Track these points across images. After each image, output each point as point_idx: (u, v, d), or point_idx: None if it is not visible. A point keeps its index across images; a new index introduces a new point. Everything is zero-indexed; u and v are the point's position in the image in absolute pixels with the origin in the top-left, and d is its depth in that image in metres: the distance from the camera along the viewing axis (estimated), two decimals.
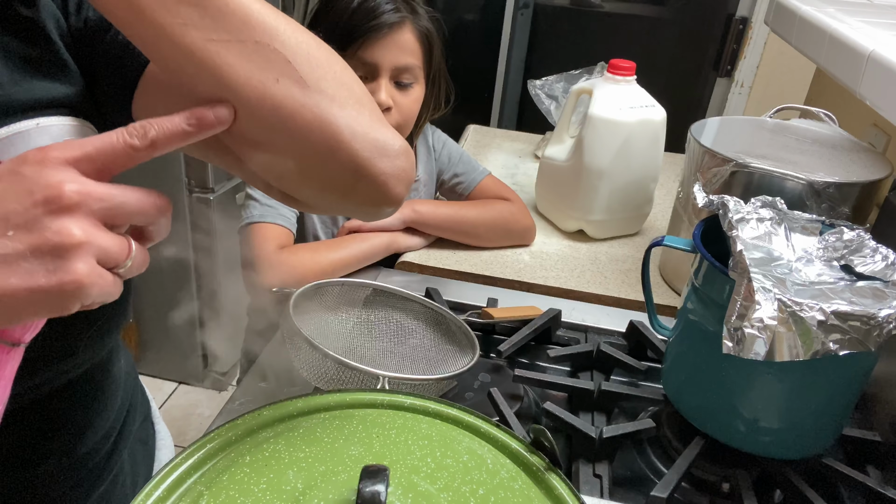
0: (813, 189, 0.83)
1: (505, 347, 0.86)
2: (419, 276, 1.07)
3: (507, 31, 2.41)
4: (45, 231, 0.33)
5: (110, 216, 0.35)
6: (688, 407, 0.73)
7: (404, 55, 0.97)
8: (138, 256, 0.37)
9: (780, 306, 0.58)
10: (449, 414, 0.55)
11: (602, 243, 1.21)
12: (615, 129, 1.10)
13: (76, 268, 0.33)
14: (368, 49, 0.95)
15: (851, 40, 0.78)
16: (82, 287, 0.34)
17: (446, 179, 1.18)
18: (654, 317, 0.83)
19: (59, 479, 0.59)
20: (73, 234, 0.33)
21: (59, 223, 0.33)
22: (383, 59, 0.95)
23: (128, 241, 0.36)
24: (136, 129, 0.36)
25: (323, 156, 0.43)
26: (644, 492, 0.70)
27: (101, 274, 0.35)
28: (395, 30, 0.95)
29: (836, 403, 0.67)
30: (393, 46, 0.95)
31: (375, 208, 0.49)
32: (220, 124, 0.39)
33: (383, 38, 0.94)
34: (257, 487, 0.44)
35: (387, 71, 0.96)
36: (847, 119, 1.14)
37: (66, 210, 0.33)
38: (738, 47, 2.23)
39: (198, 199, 1.92)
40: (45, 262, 0.33)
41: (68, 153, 0.34)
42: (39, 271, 0.33)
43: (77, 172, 0.34)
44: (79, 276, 0.34)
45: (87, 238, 0.34)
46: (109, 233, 0.35)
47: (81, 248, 0.34)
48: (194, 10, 0.39)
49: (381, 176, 0.46)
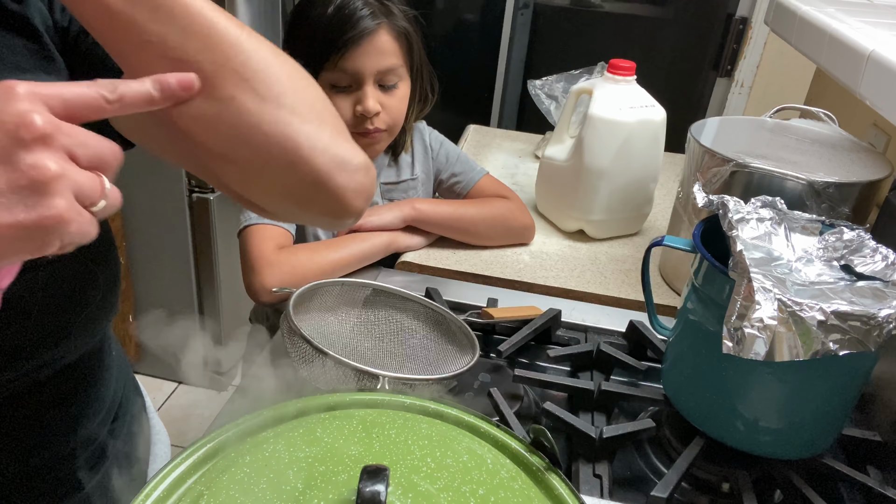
0: (813, 189, 0.83)
1: (505, 347, 0.86)
2: (419, 276, 1.07)
3: (507, 31, 2.41)
4: (20, 164, 0.32)
5: (77, 154, 0.34)
6: (688, 407, 0.73)
7: (385, 58, 0.97)
8: (112, 194, 0.36)
9: (780, 306, 0.58)
10: (449, 414, 0.55)
11: (602, 243, 1.21)
12: (615, 129, 1.10)
13: (55, 202, 0.33)
14: (349, 58, 0.95)
15: (851, 40, 0.78)
16: (63, 222, 0.33)
17: (444, 179, 1.18)
18: (654, 317, 0.83)
19: (55, 466, 0.59)
20: (50, 168, 0.32)
21: (34, 156, 0.32)
22: (365, 66, 0.96)
23: (100, 177, 0.35)
24: (106, 84, 0.35)
25: (283, 169, 0.45)
26: (644, 492, 0.70)
27: (80, 211, 0.34)
28: (373, 35, 0.95)
29: (836, 403, 0.67)
30: (373, 52, 0.95)
31: (334, 220, 0.51)
32: (184, 91, 0.38)
33: (363, 46, 0.94)
34: (257, 487, 0.44)
35: (370, 77, 0.97)
36: (847, 119, 1.14)
37: (39, 141, 0.32)
38: (738, 47, 2.23)
39: (198, 199, 1.92)
40: (24, 198, 0.32)
41: (39, 89, 0.34)
42: (18, 206, 0.32)
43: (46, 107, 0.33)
44: (59, 210, 0.33)
45: (63, 172, 0.33)
46: (82, 169, 0.34)
47: (59, 181, 0.33)
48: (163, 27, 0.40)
49: (340, 189, 0.48)
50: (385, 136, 1.03)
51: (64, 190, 0.33)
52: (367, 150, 1.04)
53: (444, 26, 2.62)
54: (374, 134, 1.00)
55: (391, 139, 1.06)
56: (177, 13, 0.41)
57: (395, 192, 1.13)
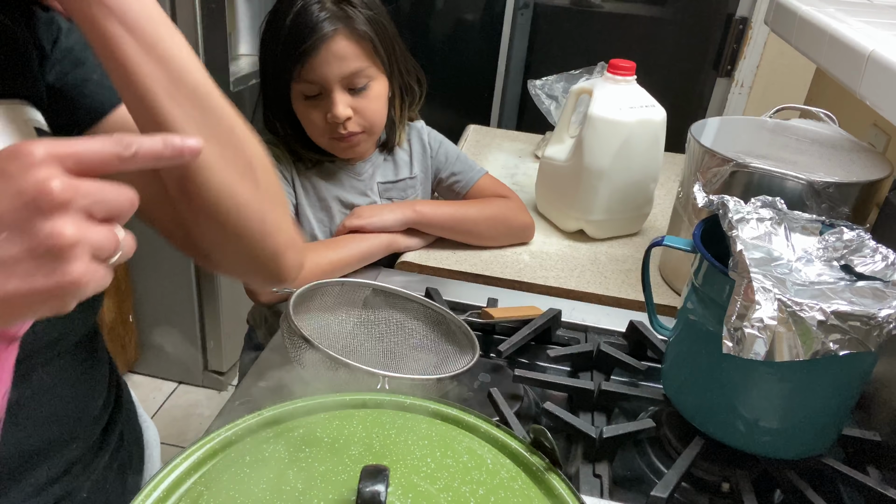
0: (813, 189, 0.83)
1: (505, 347, 0.86)
2: (419, 276, 1.07)
3: (507, 31, 2.41)
4: (39, 233, 0.34)
5: (95, 211, 0.36)
6: (688, 407, 0.73)
7: (347, 63, 0.95)
8: (126, 244, 0.38)
9: (780, 306, 0.58)
10: (449, 414, 0.55)
11: (602, 243, 1.21)
12: (615, 129, 1.10)
13: (73, 268, 0.34)
14: (311, 68, 0.94)
15: (851, 40, 0.78)
16: (80, 286, 0.35)
17: (444, 178, 1.18)
18: (654, 317, 0.83)
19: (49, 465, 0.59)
20: (67, 235, 0.34)
21: (52, 224, 0.34)
22: (328, 74, 0.95)
23: (113, 230, 0.37)
24: (121, 140, 0.37)
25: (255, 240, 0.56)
26: (644, 492, 0.70)
27: (95, 269, 0.36)
28: (330, 42, 0.94)
29: (836, 403, 0.67)
30: (332, 59, 0.94)
31: (271, 282, 0.63)
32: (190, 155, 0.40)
33: (321, 54, 0.94)
34: (257, 487, 0.44)
35: (336, 83, 0.96)
36: (847, 119, 1.14)
37: (56, 209, 0.34)
38: (738, 47, 2.23)
39: None
40: (42, 264, 0.34)
41: (56, 150, 0.35)
42: (37, 274, 0.34)
43: (62, 169, 0.35)
44: (76, 275, 0.34)
45: (81, 236, 0.34)
46: (98, 226, 0.36)
47: (76, 247, 0.34)
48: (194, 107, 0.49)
49: (287, 262, 0.61)
50: (364, 137, 1.02)
51: (81, 254, 0.35)
52: (348, 152, 1.05)
53: (444, 26, 2.62)
54: (350, 138, 1.00)
55: (373, 138, 1.06)
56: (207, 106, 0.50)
57: (392, 190, 1.13)
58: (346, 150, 1.03)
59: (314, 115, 0.99)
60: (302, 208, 1.06)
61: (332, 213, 1.08)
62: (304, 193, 1.06)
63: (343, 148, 1.02)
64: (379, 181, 1.12)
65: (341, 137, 1.00)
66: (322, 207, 1.08)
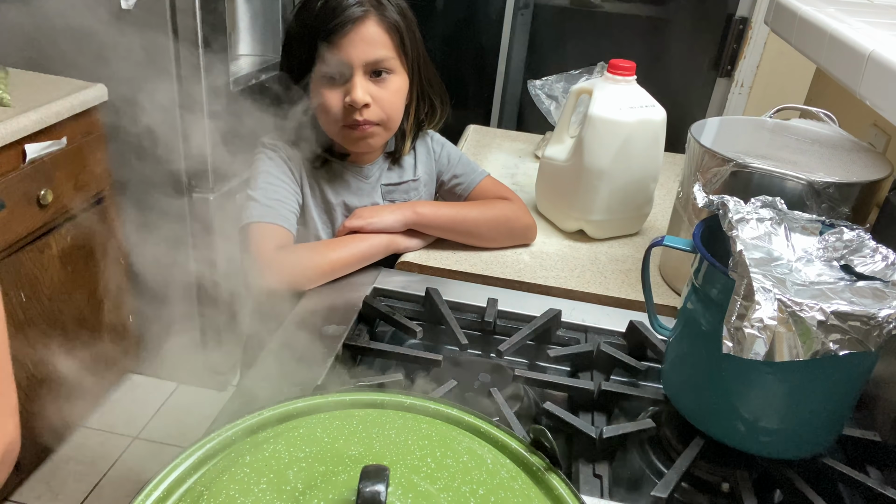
0: (813, 189, 0.83)
1: (505, 347, 0.86)
2: (419, 276, 1.07)
3: (507, 31, 2.41)
4: None
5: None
6: (688, 407, 0.73)
7: (373, 49, 0.96)
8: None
9: (780, 306, 0.58)
10: (449, 414, 0.55)
11: (602, 243, 1.21)
12: (615, 129, 1.10)
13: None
14: (337, 48, 0.95)
15: (851, 40, 0.78)
16: None
17: (446, 180, 1.18)
18: (654, 317, 0.83)
19: None
20: None
21: None
22: (352, 55, 0.95)
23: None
24: None
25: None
26: (644, 492, 0.70)
27: None
28: (360, 25, 0.95)
29: (836, 403, 0.67)
30: (360, 42, 0.95)
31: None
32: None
33: (349, 35, 0.95)
34: (257, 487, 0.44)
35: (359, 67, 0.96)
36: (847, 119, 1.14)
37: None
38: (738, 47, 2.23)
39: (198, 199, 1.92)
40: None
41: None
42: None
43: None
44: None
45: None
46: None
47: None
48: None
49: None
50: (379, 130, 1.01)
51: None
52: (360, 143, 1.04)
53: (444, 26, 2.61)
54: (365, 126, 0.99)
55: (387, 136, 1.06)
56: None
57: (395, 192, 1.13)
58: (358, 140, 1.02)
59: (332, 98, 0.98)
60: (308, 209, 1.06)
61: (337, 214, 1.08)
62: (310, 194, 1.06)
63: (355, 138, 1.01)
64: (383, 183, 1.12)
65: (355, 125, 0.99)
66: (327, 209, 1.08)
